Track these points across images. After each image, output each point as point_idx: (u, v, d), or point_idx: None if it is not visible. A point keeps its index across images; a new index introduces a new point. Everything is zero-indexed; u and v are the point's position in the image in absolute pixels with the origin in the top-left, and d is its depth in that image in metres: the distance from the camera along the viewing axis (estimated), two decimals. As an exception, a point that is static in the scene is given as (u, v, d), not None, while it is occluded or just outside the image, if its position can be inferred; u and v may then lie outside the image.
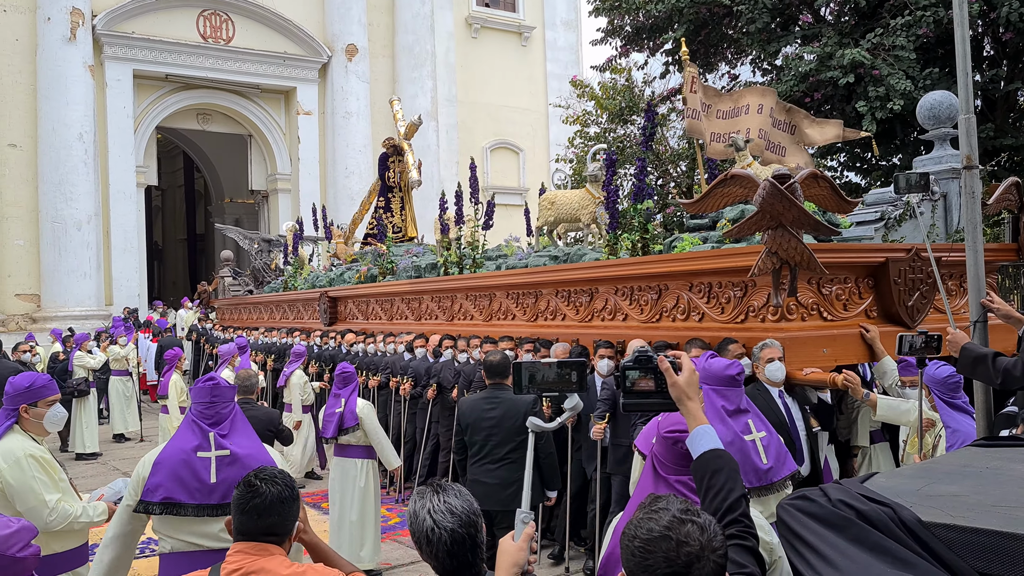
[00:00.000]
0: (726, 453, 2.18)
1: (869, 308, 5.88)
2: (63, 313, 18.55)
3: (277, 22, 22.32)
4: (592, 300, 7.24)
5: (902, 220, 6.97)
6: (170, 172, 31.17)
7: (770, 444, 3.91)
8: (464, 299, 9.32)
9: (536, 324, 7.93)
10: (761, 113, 7.35)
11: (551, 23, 28.35)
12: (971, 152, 3.54)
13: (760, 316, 5.53)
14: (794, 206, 4.68)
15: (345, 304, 12.61)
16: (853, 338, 5.57)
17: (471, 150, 26.17)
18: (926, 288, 5.89)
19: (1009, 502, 1.43)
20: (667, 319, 6.39)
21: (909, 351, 4.00)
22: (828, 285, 5.71)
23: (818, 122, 7.55)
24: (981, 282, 3.69)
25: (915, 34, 11.81)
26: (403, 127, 14.27)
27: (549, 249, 8.74)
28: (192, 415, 3.80)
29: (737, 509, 2.03)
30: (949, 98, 7.95)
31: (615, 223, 7.34)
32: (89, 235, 19.06)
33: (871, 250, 6.07)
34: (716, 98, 7.82)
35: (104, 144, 20.03)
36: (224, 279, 20.32)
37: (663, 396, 2.30)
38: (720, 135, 7.46)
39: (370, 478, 6.79)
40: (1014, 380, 3.58)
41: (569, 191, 9.48)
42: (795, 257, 4.85)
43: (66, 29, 19.02)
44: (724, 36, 14.98)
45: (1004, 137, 12.45)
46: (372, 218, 14.85)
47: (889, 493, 1.49)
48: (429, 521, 2.26)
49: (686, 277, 6.17)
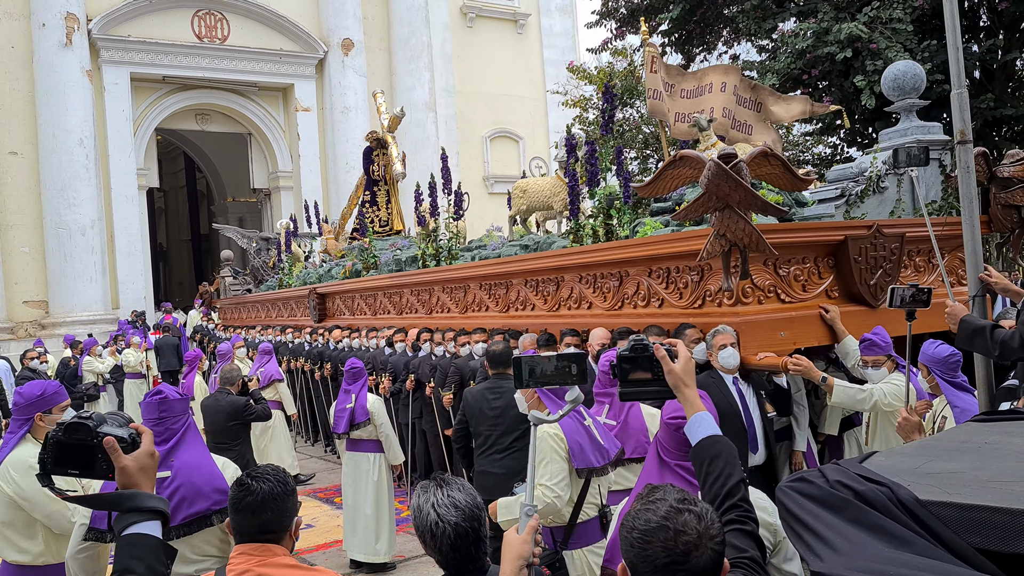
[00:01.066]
0: (724, 439, 2.20)
1: (830, 288, 5.71)
2: (71, 318, 18.64)
3: (272, 19, 22.29)
4: (559, 289, 7.14)
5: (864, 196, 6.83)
6: (171, 173, 31.21)
7: (598, 426, 4.22)
8: (441, 292, 9.26)
9: (508, 315, 7.84)
10: (725, 92, 7.19)
11: (546, 9, 28.25)
12: (965, 127, 3.54)
13: (717, 300, 5.38)
14: (740, 186, 4.53)
15: (333, 300, 12.62)
16: (813, 320, 5.42)
17: (470, 140, 26.16)
18: (889, 266, 5.73)
19: (1005, 477, 1.44)
20: (628, 306, 6.26)
21: (900, 303, 3.94)
22: (785, 266, 5.53)
23: (784, 99, 7.40)
24: (978, 256, 3.69)
25: (912, 6, 11.75)
26: (386, 120, 14.26)
27: (522, 238, 8.65)
28: None
29: (736, 494, 2.05)
30: (913, 68, 7.78)
31: (575, 210, 7.23)
32: (93, 239, 19.12)
33: (830, 228, 5.86)
34: (679, 77, 7.65)
35: (104, 148, 20.07)
36: (225, 279, 20.37)
37: (660, 384, 2.31)
38: (684, 115, 7.27)
39: (383, 472, 6.84)
40: (1011, 352, 3.59)
41: (541, 179, 9.43)
42: (744, 239, 4.69)
43: (61, 35, 19.02)
44: (720, 15, 14.92)
45: (1004, 107, 12.39)
46: (357, 212, 14.86)
47: (887, 472, 1.51)
48: (433, 515, 2.28)
49: (645, 263, 6.04)
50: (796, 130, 17.79)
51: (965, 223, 3.60)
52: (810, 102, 7.37)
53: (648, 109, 8.11)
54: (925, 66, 11.44)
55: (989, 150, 12.98)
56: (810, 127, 16.17)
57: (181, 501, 3.44)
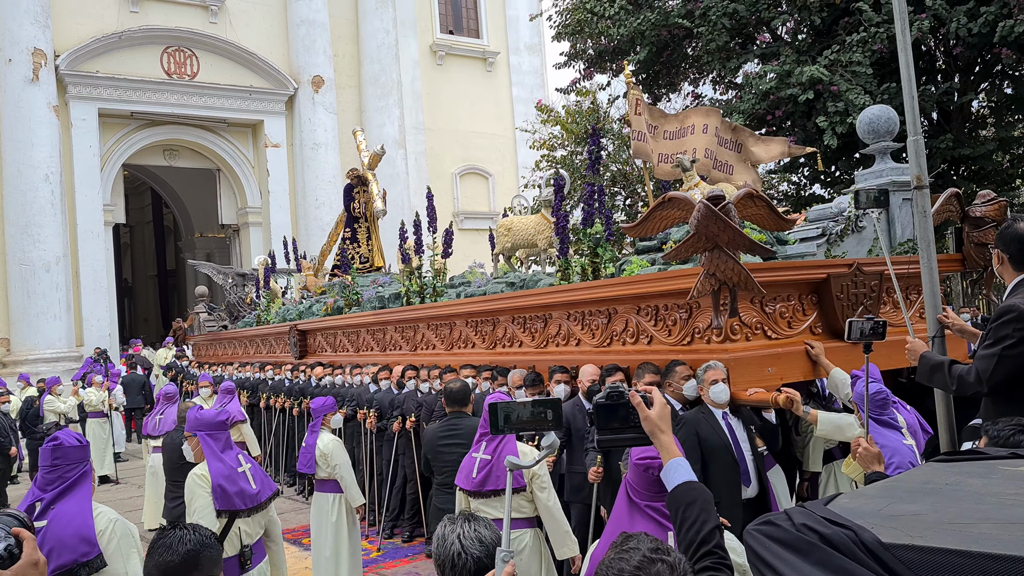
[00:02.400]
0: (699, 485, 2.24)
1: (813, 325, 5.84)
2: (34, 356, 18.33)
3: (242, 56, 22.35)
4: (546, 326, 7.18)
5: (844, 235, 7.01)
6: (138, 208, 30.96)
7: (256, 471, 4.73)
8: (426, 328, 9.25)
9: (495, 352, 7.86)
10: (707, 133, 7.34)
11: (515, 48, 28.61)
12: (921, 172, 3.65)
13: (706, 338, 5.48)
14: (728, 227, 4.65)
15: (314, 337, 12.53)
16: (798, 355, 5.53)
17: (440, 176, 26.28)
18: (869, 302, 5.87)
19: (964, 519, 1.48)
20: (617, 343, 6.33)
21: (860, 336, 4.02)
22: (771, 303, 5.66)
23: (763, 140, 7.59)
24: (937, 298, 3.79)
25: (871, 50, 12.07)
26: (367, 157, 14.34)
27: (507, 276, 8.71)
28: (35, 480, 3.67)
29: (711, 540, 2.09)
30: (887, 112, 8.03)
31: (565, 248, 7.32)
32: (58, 276, 18.88)
33: (813, 266, 6.02)
34: (662, 119, 7.81)
35: (71, 184, 19.89)
36: (199, 315, 20.16)
37: (636, 430, 2.35)
38: (667, 156, 7.44)
39: (342, 513, 6.72)
40: (967, 386, 3.66)
41: (525, 216, 9.52)
42: (733, 278, 4.80)
43: (28, 70, 18.92)
44: (685, 56, 15.22)
45: (962, 147, 12.72)
46: (338, 249, 14.86)
47: (851, 515, 1.54)
48: (458, 546, 2.35)
49: (634, 300, 6.12)
50: (761, 168, 18.11)
51: (923, 266, 3.70)
52: (788, 144, 7.58)
53: (633, 150, 8.27)
54: (884, 107, 11.76)
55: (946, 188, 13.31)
56: (773, 165, 16.47)
57: (50, 553, 3.39)
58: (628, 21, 13.85)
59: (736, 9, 13.01)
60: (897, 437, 4.32)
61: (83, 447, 3.69)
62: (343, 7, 24.44)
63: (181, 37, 21.57)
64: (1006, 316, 3.54)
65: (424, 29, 26.62)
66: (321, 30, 23.25)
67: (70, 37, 20.05)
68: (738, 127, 7.66)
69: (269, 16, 23.16)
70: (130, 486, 12.51)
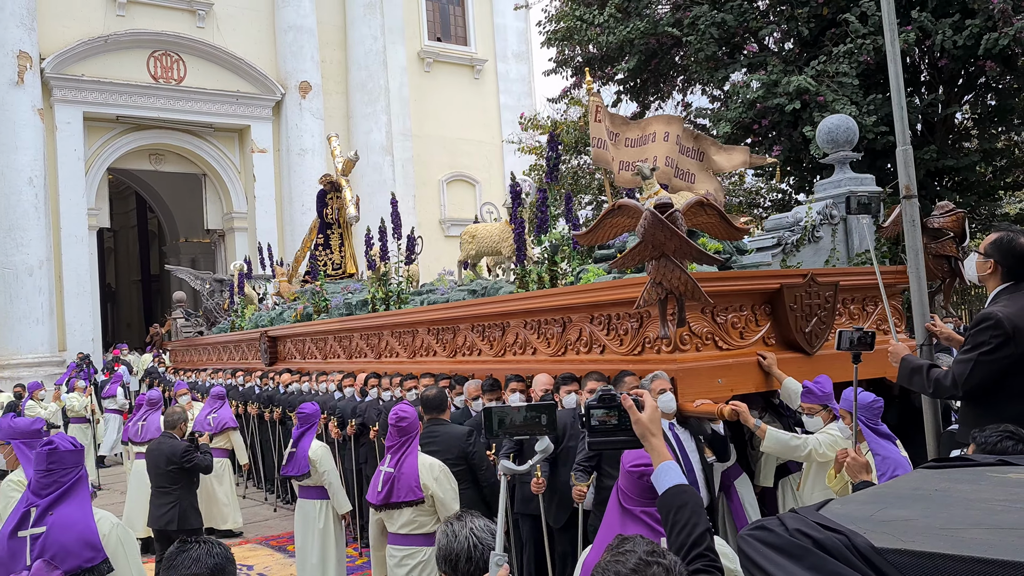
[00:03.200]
0: (690, 488, 2.25)
1: (767, 335, 5.76)
2: (16, 360, 18.17)
3: (229, 61, 22.28)
4: (504, 334, 7.11)
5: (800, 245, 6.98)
6: (122, 213, 30.78)
7: None
8: (390, 336, 9.17)
9: (455, 360, 7.80)
10: (668, 141, 7.32)
11: (503, 55, 28.66)
12: (910, 182, 3.68)
13: (656, 348, 5.43)
14: (675, 235, 4.59)
15: (284, 344, 12.45)
16: (750, 366, 5.47)
17: (427, 183, 26.29)
18: (824, 313, 5.81)
19: (955, 524, 1.50)
20: (572, 352, 6.27)
21: (849, 346, 4.03)
22: (723, 313, 5.59)
23: (725, 149, 7.58)
24: (925, 307, 3.82)
25: (857, 61, 12.17)
26: (340, 163, 14.32)
27: (471, 283, 8.64)
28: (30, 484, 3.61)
29: (702, 543, 2.09)
30: (847, 121, 8.04)
31: (522, 255, 7.26)
32: (41, 280, 18.74)
33: (766, 276, 5.94)
34: (624, 127, 7.79)
35: (55, 187, 19.75)
36: (177, 321, 20.04)
37: (628, 434, 2.36)
38: (628, 164, 7.39)
39: (329, 519, 6.71)
40: (944, 390, 3.73)
41: (490, 224, 9.48)
42: (680, 287, 4.74)
43: (13, 73, 18.79)
44: (674, 65, 15.29)
45: (946, 159, 12.83)
46: (310, 256, 14.84)
47: (843, 520, 1.55)
48: (473, 539, 2.38)
49: (587, 309, 6.06)
50: (749, 177, 18.23)
51: (911, 274, 3.73)
52: (750, 153, 7.58)
53: (592, 158, 8.20)
54: (871, 118, 11.84)
55: (932, 200, 13.43)
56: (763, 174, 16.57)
57: (53, 559, 3.37)
58: (617, 29, 13.91)
59: (724, 19, 13.10)
60: (892, 448, 4.32)
61: (78, 451, 3.65)
62: (331, 13, 24.43)
63: (168, 41, 21.49)
64: (984, 323, 3.61)
65: (412, 36, 26.63)
66: (309, 36, 23.22)
67: (56, 40, 19.93)
68: (700, 135, 7.64)
69: (257, 21, 23.12)
70: (113, 492, 12.40)
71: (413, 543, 4.88)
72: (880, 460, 4.30)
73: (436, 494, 4.86)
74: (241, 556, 8.38)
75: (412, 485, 4.81)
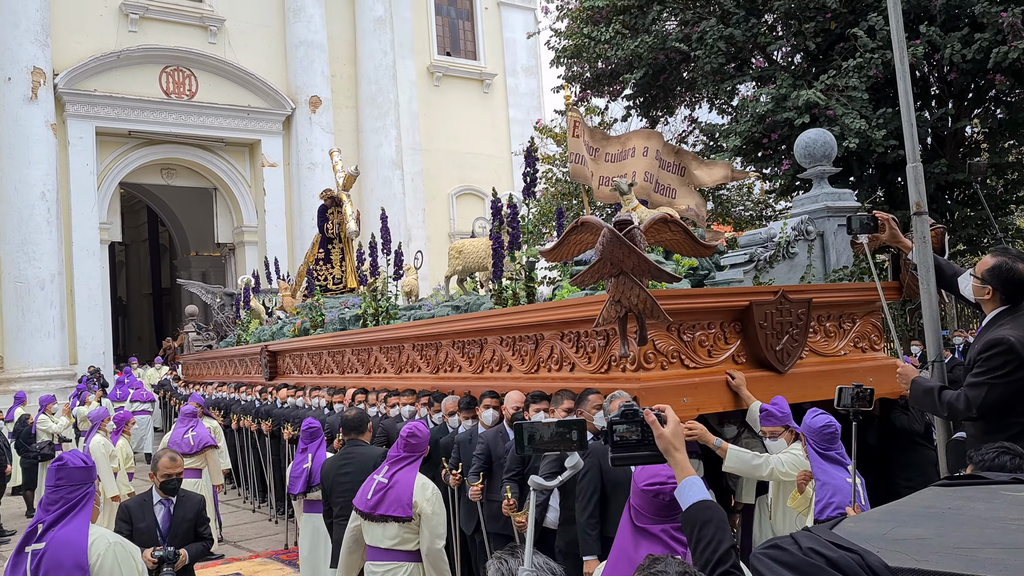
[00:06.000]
0: (714, 504, 2.24)
1: (736, 353, 5.62)
2: (27, 374, 18.26)
3: (240, 76, 22.44)
4: (482, 351, 7.05)
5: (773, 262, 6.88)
6: (133, 227, 30.95)
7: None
8: (378, 351, 9.13)
9: (438, 376, 7.74)
10: (647, 156, 7.26)
11: (512, 70, 28.78)
12: (920, 199, 3.69)
13: (621, 366, 5.33)
14: (633, 253, 4.48)
15: (284, 358, 12.42)
16: (718, 385, 5.33)
17: (437, 197, 26.36)
18: (796, 331, 5.67)
19: (969, 543, 1.49)
20: (544, 369, 6.19)
21: (850, 403, 3.96)
22: (690, 331, 5.45)
23: (706, 163, 7.52)
24: (936, 323, 3.81)
25: (867, 75, 12.18)
26: (341, 178, 14.38)
27: (456, 299, 8.59)
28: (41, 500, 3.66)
29: (727, 560, 2.09)
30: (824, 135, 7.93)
31: (499, 272, 7.20)
32: (53, 294, 18.84)
33: (734, 293, 5.78)
34: (604, 142, 7.74)
35: (67, 202, 19.89)
36: (188, 334, 20.13)
37: (650, 448, 2.36)
38: (607, 179, 7.30)
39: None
40: (958, 413, 3.71)
41: (477, 239, 9.47)
42: (639, 305, 4.61)
43: (27, 88, 18.97)
44: (681, 80, 15.33)
45: (956, 172, 12.81)
46: (311, 270, 14.87)
47: (856, 538, 1.55)
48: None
49: (559, 326, 5.97)
50: (757, 189, 18.22)
51: (923, 291, 3.73)
52: (731, 167, 7.49)
53: (571, 173, 8.14)
54: (880, 132, 11.84)
55: (942, 214, 13.41)
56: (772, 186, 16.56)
57: None
58: (625, 44, 13.96)
59: (732, 33, 13.13)
60: (841, 475, 4.23)
61: (88, 468, 3.66)
62: (342, 28, 24.59)
63: (180, 57, 21.66)
64: (996, 348, 3.61)
65: (421, 50, 26.77)
66: (319, 51, 23.38)
67: (69, 56, 20.12)
68: (681, 150, 7.59)
69: (268, 37, 23.29)
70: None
71: (397, 558, 4.85)
72: (820, 486, 4.25)
73: (425, 513, 4.82)
74: (251, 571, 8.39)
75: (404, 502, 4.79)
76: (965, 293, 4.02)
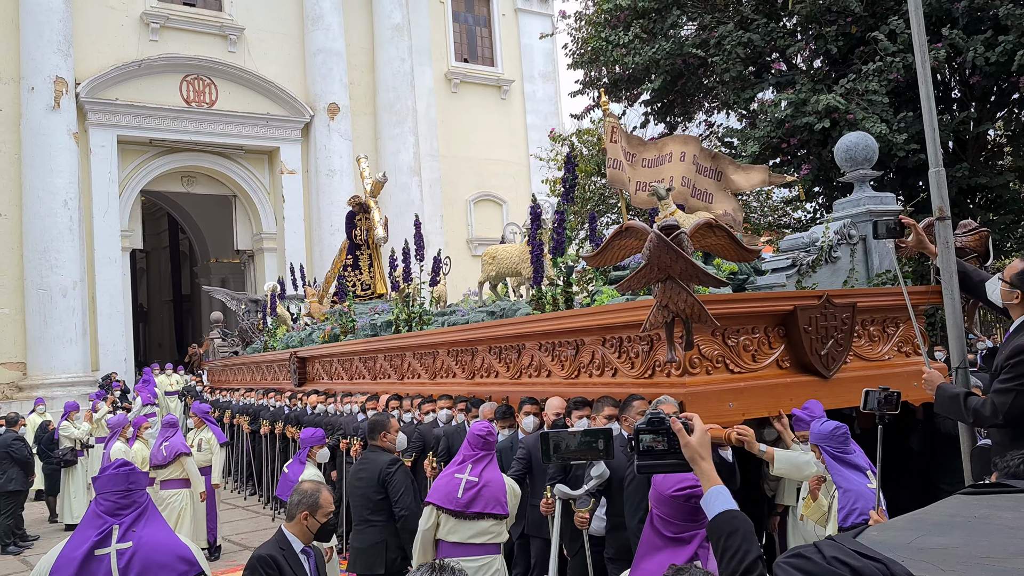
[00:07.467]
0: (740, 514, 2.22)
1: (781, 358, 5.63)
2: (49, 380, 18.42)
3: (260, 84, 22.60)
4: (520, 356, 7.03)
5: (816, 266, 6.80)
6: (154, 234, 31.21)
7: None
8: (412, 357, 9.13)
9: (473, 382, 7.74)
10: (684, 161, 7.25)
11: (529, 76, 28.82)
12: (943, 203, 3.65)
13: (666, 371, 5.32)
14: (681, 258, 4.50)
15: (313, 364, 12.47)
16: (762, 389, 5.32)
17: (455, 203, 26.42)
18: (841, 336, 5.65)
19: (997, 553, 1.47)
20: (584, 375, 6.18)
21: (876, 406, 3.91)
22: (735, 336, 5.44)
23: (744, 168, 7.47)
24: (960, 329, 3.77)
25: (887, 79, 12.08)
26: (369, 184, 14.42)
27: (490, 304, 8.60)
28: (97, 506, 3.57)
29: (754, 571, 2.07)
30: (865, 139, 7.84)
31: (539, 277, 7.18)
32: (75, 301, 19.02)
33: (778, 298, 5.80)
34: (641, 147, 7.73)
35: (89, 210, 20.08)
36: (214, 341, 20.26)
37: (677, 457, 2.34)
38: (644, 184, 7.31)
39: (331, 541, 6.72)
40: (984, 419, 3.67)
41: (510, 245, 9.50)
42: (686, 310, 4.62)
43: (50, 98, 19.18)
44: (700, 85, 15.28)
45: (979, 176, 12.68)
46: (338, 277, 14.91)
47: (881, 548, 1.53)
48: None
49: (599, 332, 5.96)
50: (776, 196, 18.12)
51: (946, 296, 3.69)
52: (769, 172, 7.45)
53: (608, 178, 8.13)
54: (901, 136, 11.74)
55: (964, 218, 13.25)
56: (789, 193, 16.48)
57: (142, 574, 3.42)
58: (643, 50, 13.92)
59: (751, 39, 13.07)
60: (861, 480, 4.15)
61: (145, 472, 3.83)
62: (360, 36, 24.71)
63: (200, 65, 21.84)
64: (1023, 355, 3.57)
65: (439, 57, 26.87)
66: (338, 58, 23.50)
67: (91, 65, 20.33)
68: (718, 155, 7.55)
69: (287, 45, 23.44)
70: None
71: (491, 552, 4.99)
72: (842, 493, 4.16)
73: (512, 509, 5.06)
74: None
75: (500, 499, 4.96)
76: (992, 298, 3.97)
